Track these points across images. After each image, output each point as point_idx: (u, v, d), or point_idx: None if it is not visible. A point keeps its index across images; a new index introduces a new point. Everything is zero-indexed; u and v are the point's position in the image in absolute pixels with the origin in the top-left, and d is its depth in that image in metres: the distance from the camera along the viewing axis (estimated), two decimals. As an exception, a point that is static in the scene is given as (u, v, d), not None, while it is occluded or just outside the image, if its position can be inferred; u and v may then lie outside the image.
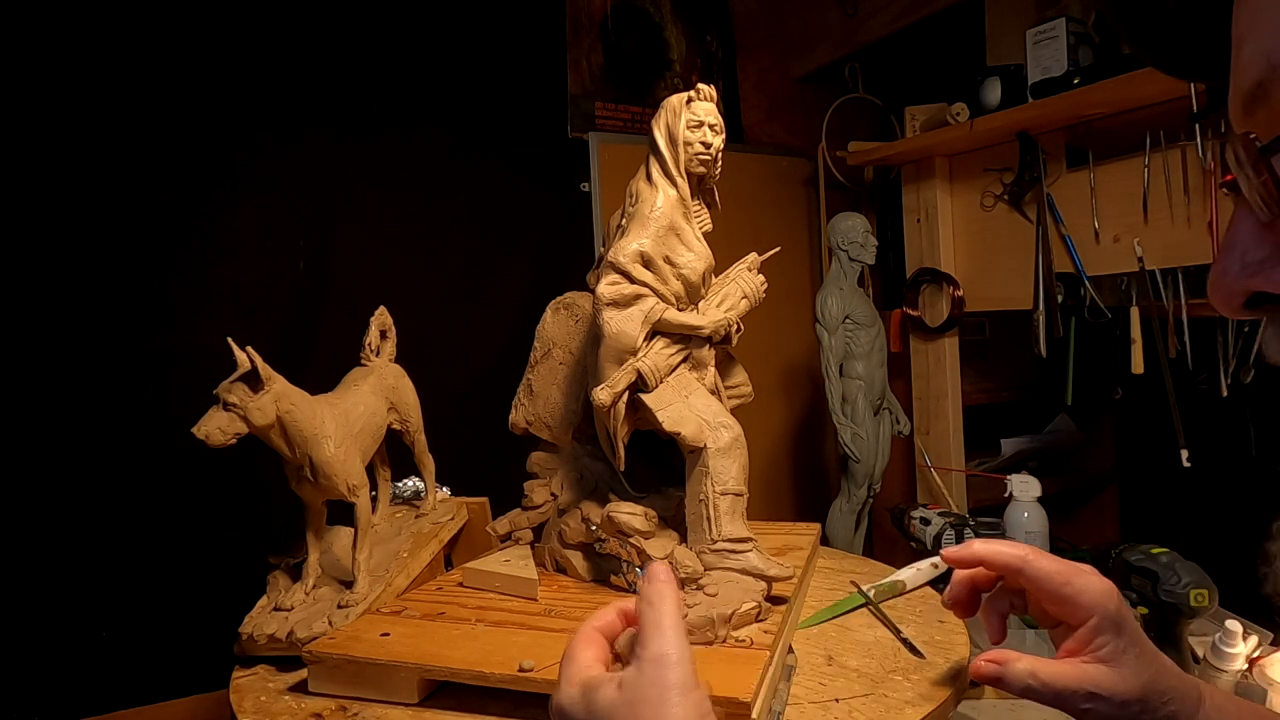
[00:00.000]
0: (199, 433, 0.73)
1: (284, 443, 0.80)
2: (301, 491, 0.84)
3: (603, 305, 0.81)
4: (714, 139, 0.85)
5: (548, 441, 0.98)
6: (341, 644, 0.73)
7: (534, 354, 0.99)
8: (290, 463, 0.82)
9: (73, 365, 1.14)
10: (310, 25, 1.34)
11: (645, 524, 0.82)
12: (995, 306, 1.58)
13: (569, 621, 0.77)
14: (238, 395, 0.75)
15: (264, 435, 0.78)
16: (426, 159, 1.46)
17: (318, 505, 0.87)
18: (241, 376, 0.76)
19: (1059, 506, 1.74)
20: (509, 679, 0.66)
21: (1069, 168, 1.41)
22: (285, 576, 0.89)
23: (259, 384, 0.76)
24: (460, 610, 0.81)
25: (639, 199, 0.85)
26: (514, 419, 0.99)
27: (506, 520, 0.98)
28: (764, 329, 1.77)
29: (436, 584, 0.91)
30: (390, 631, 0.75)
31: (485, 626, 0.77)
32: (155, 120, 1.21)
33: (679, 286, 0.85)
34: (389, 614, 0.81)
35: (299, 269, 1.32)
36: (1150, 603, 0.92)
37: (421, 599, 0.86)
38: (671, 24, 1.76)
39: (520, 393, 0.99)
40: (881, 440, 1.51)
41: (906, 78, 1.87)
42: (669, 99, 0.86)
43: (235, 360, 0.75)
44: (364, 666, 0.70)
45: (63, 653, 1.12)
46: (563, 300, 0.99)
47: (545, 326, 0.99)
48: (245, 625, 0.81)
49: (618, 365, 0.81)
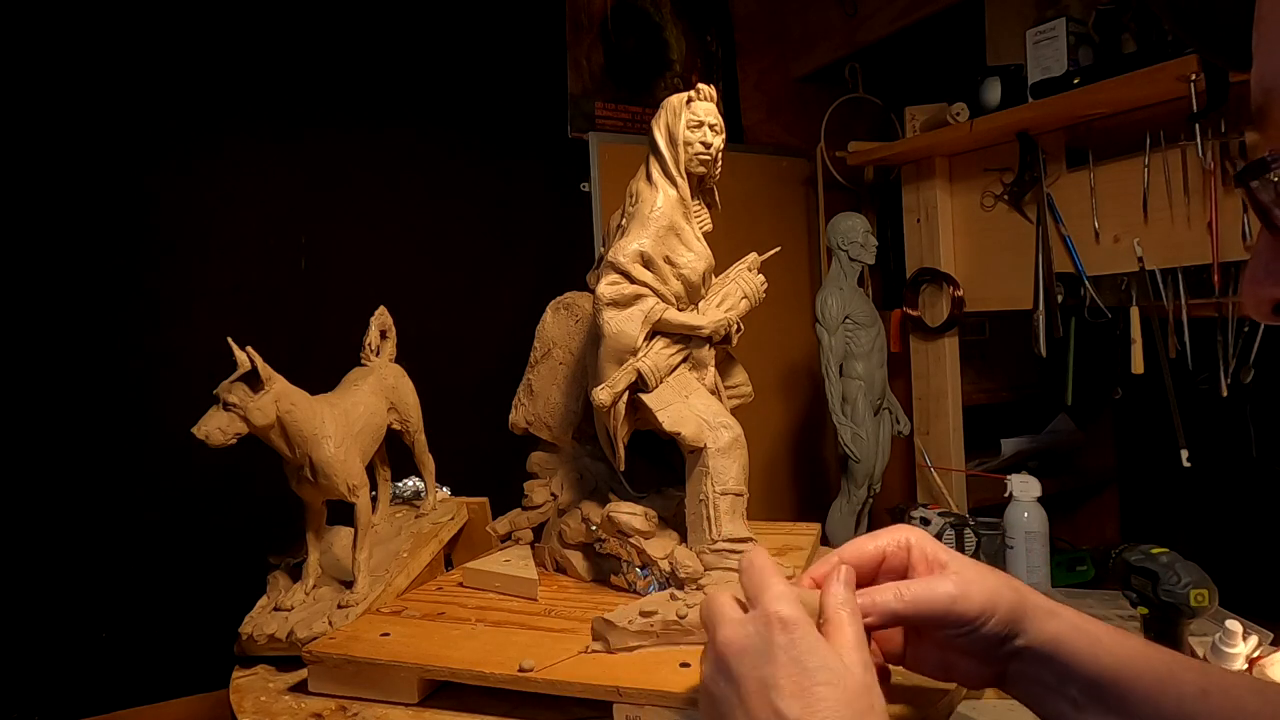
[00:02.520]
0: (199, 433, 0.73)
1: (284, 443, 0.80)
2: (301, 491, 0.84)
3: (603, 305, 0.80)
4: (714, 139, 0.85)
5: (548, 441, 0.98)
6: (341, 644, 0.73)
7: (534, 354, 0.99)
8: (290, 463, 0.82)
9: (72, 365, 1.14)
10: (311, 25, 1.34)
11: (645, 524, 0.82)
12: (995, 306, 1.58)
13: (569, 621, 0.77)
14: (238, 395, 0.75)
15: (264, 435, 0.78)
16: (427, 159, 1.46)
17: (318, 505, 0.86)
18: (241, 376, 0.75)
19: (1059, 506, 1.74)
20: (509, 679, 0.66)
21: (1069, 168, 1.41)
22: (285, 576, 0.88)
23: (259, 384, 0.76)
24: (460, 610, 0.81)
25: (639, 199, 0.85)
26: (514, 419, 0.99)
27: (506, 520, 0.98)
28: (764, 329, 1.77)
29: (436, 584, 0.91)
30: (390, 631, 0.75)
31: (485, 626, 0.77)
32: (155, 119, 1.21)
33: (679, 286, 0.85)
34: (389, 614, 0.81)
35: (299, 268, 1.32)
36: (1150, 603, 0.91)
37: (421, 599, 0.85)
38: (671, 24, 1.76)
39: (520, 393, 0.99)
40: (881, 440, 1.51)
41: (906, 78, 1.87)
42: (669, 99, 0.86)
43: (235, 360, 0.75)
44: (364, 666, 0.70)
45: (63, 653, 1.12)
46: (563, 300, 0.99)
47: (545, 326, 0.99)
48: (245, 625, 0.81)
49: (618, 365, 0.81)
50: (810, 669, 0.46)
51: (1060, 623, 0.55)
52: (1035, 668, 0.55)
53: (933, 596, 0.53)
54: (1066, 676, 0.54)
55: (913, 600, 0.53)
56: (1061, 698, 0.55)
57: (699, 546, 0.79)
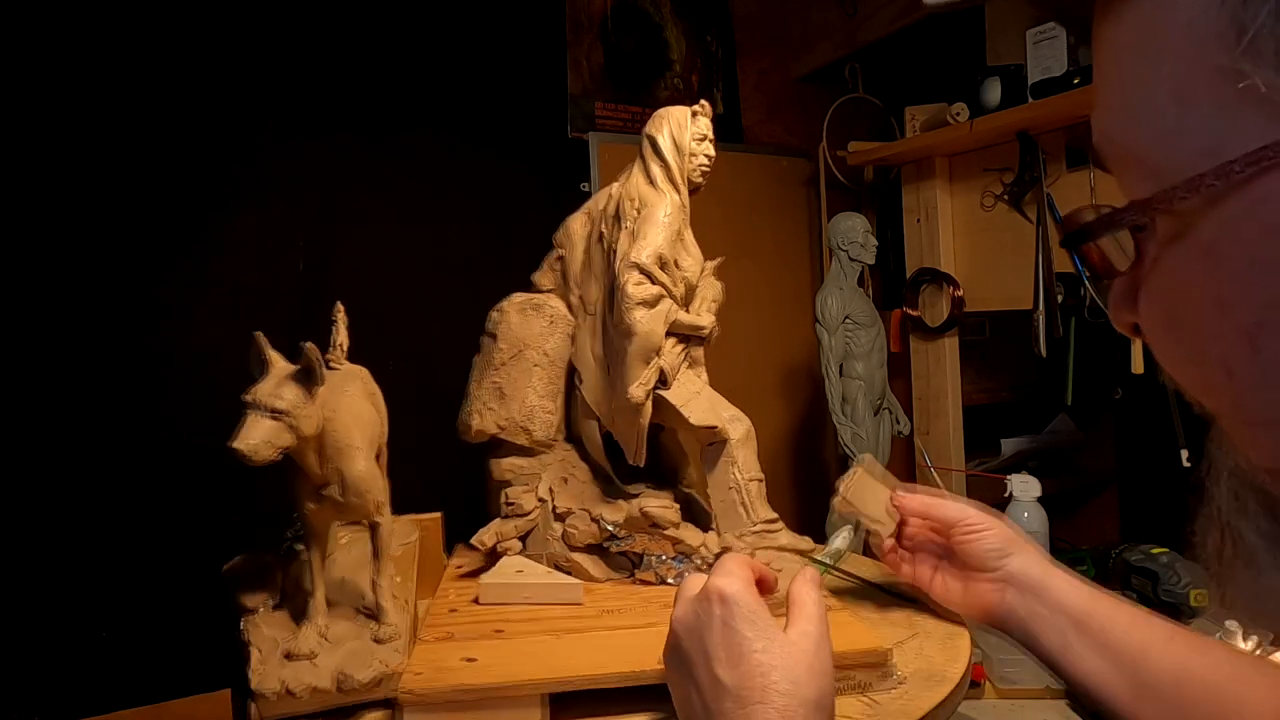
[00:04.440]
0: (244, 447, 0.60)
1: (315, 457, 0.67)
2: (318, 514, 0.71)
3: (633, 305, 0.84)
4: (712, 152, 0.93)
5: (521, 447, 0.95)
6: (433, 677, 0.65)
7: (498, 355, 0.96)
8: (309, 480, 0.68)
9: (72, 365, 1.14)
10: (310, 25, 1.34)
11: (677, 515, 0.86)
12: (995, 306, 1.58)
13: (639, 616, 0.78)
14: (289, 399, 0.62)
15: (300, 448, 0.65)
16: (427, 159, 1.46)
17: (326, 529, 0.74)
18: (296, 375, 0.63)
19: (1059, 506, 1.74)
20: (658, 675, 0.62)
21: (1069, 168, 1.41)
22: (267, 622, 0.74)
23: (313, 385, 0.63)
24: (514, 626, 0.76)
25: (644, 202, 0.88)
26: (480, 425, 0.94)
27: (491, 532, 0.92)
28: (764, 329, 1.77)
29: (449, 605, 0.83)
30: (475, 656, 0.69)
31: (559, 635, 0.74)
32: (154, 119, 1.21)
33: (682, 289, 0.89)
34: (436, 641, 0.73)
35: (299, 270, 1.32)
36: (1150, 603, 0.92)
37: (454, 621, 0.79)
38: (671, 24, 1.76)
39: (485, 397, 0.95)
40: (881, 440, 1.51)
41: (906, 78, 1.87)
42: (672, 109, 0.92)
43: (266, 359, 0.63)
44: (485, 694, 0.64)
45: (63, 653, 1.12)
46: (531, 300, 0.99)
47: (512, 327, 0.97)
48: (263, 683, 0.65)
49: (645, 364, 0.85)
50: (746, 638, 0.50)
51: (1047, 562, 0.69)
52: (1030, 599, 0.67)
53: (947, 506, 0.74)
54: (1058, 606, 0.65)
55: (933, 505, 0.74)
56: (1054, 628, 0.65)
57: (739, 530, 0.83)
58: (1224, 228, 0.31)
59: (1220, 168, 0.30)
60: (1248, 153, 0.29)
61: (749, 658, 0.49)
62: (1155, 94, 0.32)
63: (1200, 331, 0.34)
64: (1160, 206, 0.33)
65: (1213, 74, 0.30)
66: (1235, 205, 0.31)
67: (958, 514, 0.72)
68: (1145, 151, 0.33)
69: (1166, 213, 0.33)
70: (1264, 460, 0.34)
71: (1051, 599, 0.66)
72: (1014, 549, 0.69)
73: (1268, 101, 0.29)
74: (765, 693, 0.48)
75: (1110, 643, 0.63)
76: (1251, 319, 0.31)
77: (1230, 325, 0.32)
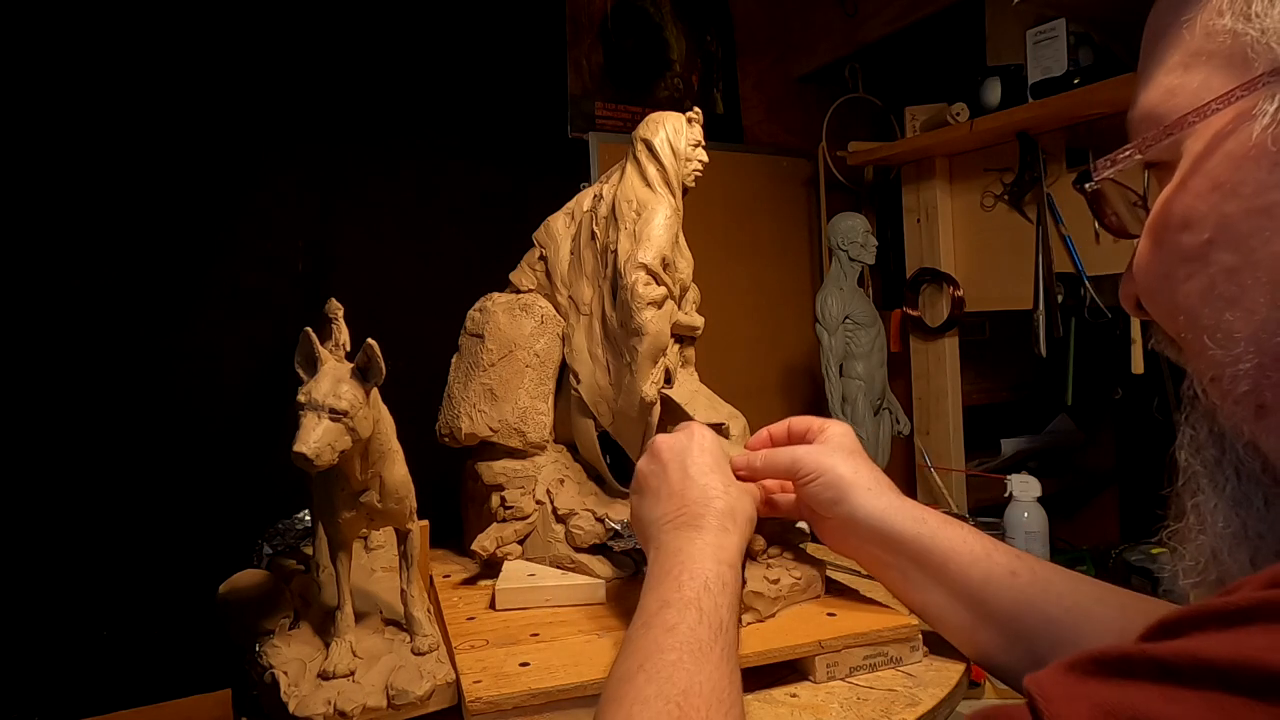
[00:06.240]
0: (307, 450, 0.54)
1: (360, 461, 0.62)
2: (351, 523, 0.66)
3: (643, 305, 0.85)
4: (705, 158, 0.95)
5: (514, 450, 0.94)
6: (495, 684, 0.64)
7: (486, 355, 0.95)
8: (350, 486, 0.63)
9: (72, 365, 1.14)
10: (310, 25, 1.34)
11: None
12: (995, 306, 1.58)
13: None
14: (350, 399, 0.56)
15: (349, 451, 0.59)
16: (426, 159, 1.46)
17: (354, 538, 0.70)
18: (354, 373, 0.58)
19: (1059, 506, 1.74)
20: None
21: (1069, 168, 1.41)
22: (285, 642, 0.71)
23: (370, 383, 0.59)
24: (549, 630, 0.75)
25: (642, 204, 0.89)
26: (471, 428, 0.92)
27: (491, 537, 0.89)
28: (764, 329, 1.77)
29: (464, 614, 0.81)
30: (528, 660, 0.67)
31: (598, 636, 0.73)
32: (153, 120, 1.21)
33: (678, 291, 0.91)
34: (472, 649, 0.71)
35: (298, 270, 1.32)
36: (1150, 603, 0.91)
37: (481, 629, 0.76)
38: (671, 24, 1.76)
39: (474, 399, 0.94)
40: (881, 440, 1.51)
41: (906, 78, 1.87)
42: (668, 114, 0.93)
43: (316, 355, 0.58)
44: (551, 697, 0.63)
45: (63, 653, 1.12)
46: (519, 300, 0.99)
47: (502, 327, 0.96)
48: (306, 707, 0.61)
49: (654, 363, 0.86)
50: (720, 455, 0.72)
51: (883, 500, 0.69)
52: (870, 544, 0.69)
53: (779, 457, 0.74)
54: (898, 546, 0.67)
55: (766, 461, 0.75)
56: (894, 568, 0.68)
57: None
58: (1198, 158, 0.38)
59: (1200, 107, 0.37)
60: (1220, 94, 0.36)
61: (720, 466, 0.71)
62: (1169, 61, 0.40)
63: (1168, 250, 0.40)
64: (1151, 141, 0.40)
65: (1211, 34, 0.37)
66: (1208, 138, 0.37)
67: (789, 464, 0.72)
68: (1153, 105, 0.41)
69: (1155, 148, 0.40)
70: (1210, 369, 0.39)
71: (891, 540, 0.68)
72: (847, 491, 0.69)
73: (1240, 50, 0.36)
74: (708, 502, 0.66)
75: (950, 576, 0.65)
76: (1205, 236, 0.37)
77: (1191, 241, 0.38)
